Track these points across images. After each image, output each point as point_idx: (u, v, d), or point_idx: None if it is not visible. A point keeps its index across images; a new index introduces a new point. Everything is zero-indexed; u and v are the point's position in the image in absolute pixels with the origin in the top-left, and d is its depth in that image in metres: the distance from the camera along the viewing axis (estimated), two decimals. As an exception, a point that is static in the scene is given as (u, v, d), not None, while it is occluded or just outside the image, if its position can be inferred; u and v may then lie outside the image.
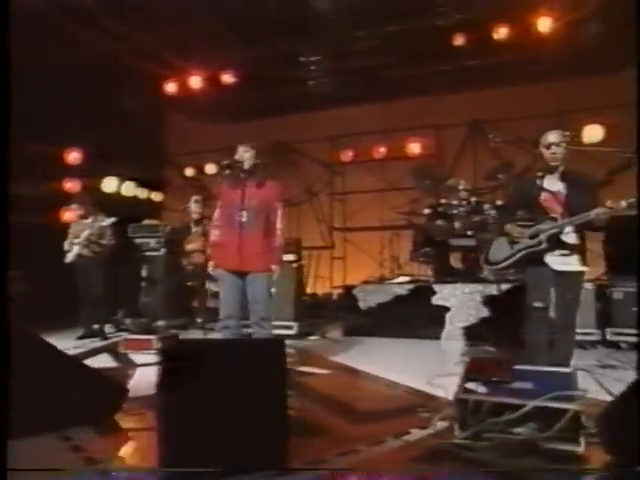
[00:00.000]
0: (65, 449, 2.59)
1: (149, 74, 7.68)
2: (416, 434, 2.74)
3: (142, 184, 9.03)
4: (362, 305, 6.39)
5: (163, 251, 6.42)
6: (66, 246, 6.23)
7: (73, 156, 8.07)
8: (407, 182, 7.61)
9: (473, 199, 6.38)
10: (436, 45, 6.68)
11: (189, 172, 9.65)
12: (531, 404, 2.49)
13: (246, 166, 3.79)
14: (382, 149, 8.47)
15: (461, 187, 6.41)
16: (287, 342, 5.52)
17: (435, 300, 5.95)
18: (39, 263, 6.61)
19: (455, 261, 6.67)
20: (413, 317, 6.01)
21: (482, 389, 2.68)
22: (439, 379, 3.70)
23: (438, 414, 2.96)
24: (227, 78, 7.67)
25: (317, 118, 8.66)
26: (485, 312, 5.66)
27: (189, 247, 6.46)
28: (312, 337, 6.23)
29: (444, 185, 6.58)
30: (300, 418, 2.99)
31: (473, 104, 7.61)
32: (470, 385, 2.72)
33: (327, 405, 3.41)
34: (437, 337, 5.79)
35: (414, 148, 8.22)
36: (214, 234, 3.96)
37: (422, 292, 6.06)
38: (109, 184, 8.47)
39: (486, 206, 6.22)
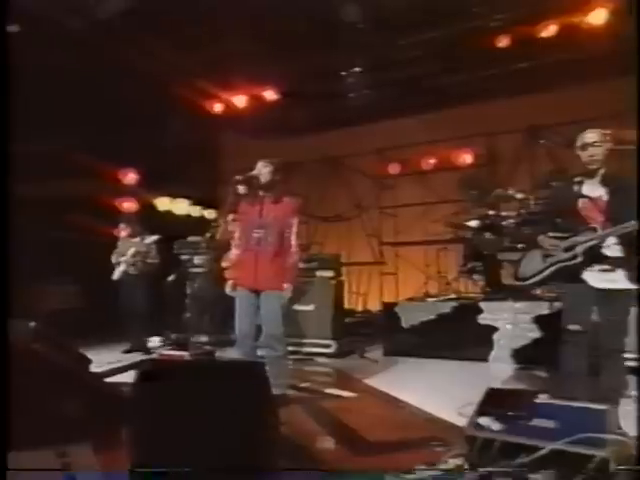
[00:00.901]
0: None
1: (197, 95, 7.77)
2: (420, 474, 2.40)
3: (195, 202, 9.14)
4: (405, 323, 6.00)
5: (206, 267, 6.46)
6: (113, 260, 6.35)
7: (128, 176, 8.34)
8: (456, 194, 7.16)
9: (524, 210, 5.84)
10: (480, 49, 6.26)
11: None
12: (549, 447, 2.08)
13: (263, 181, 3.66)
14: (431, 160, 8.08)
15: (511, 197, 5.89)
16: (324, 361, 5.50)
17: (482, 319, 5.47)
18: (90, 278, 6.87)
19: (506, 277, 6.10)
20: (458, 337, 5.55)
21: (496, 425, 2.31)
22: (468, 407, 3.29)
23: (453, 449, 2.59)
24: (270, 95, 7.57)
25: (364, 131, 8.43)
26: (536, 333, 5.11)
27: (225, 264, 6.34)
28: (349, 357, 5.92)
29: (492, 195, 6.09)
30: (292, 443, 2.73)
31: (527, 109, 7.06)
32: (483, 420, 2.35)
33: (332, 431, 3.14)
34: (484, 359, 5.30)
35: (464, 158, 7.79)
36: (234, 253, 3.88)
37: (468, 310, 5.62)
38: (161, 203, 8.65)
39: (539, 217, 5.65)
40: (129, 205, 7.99)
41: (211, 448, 2.03)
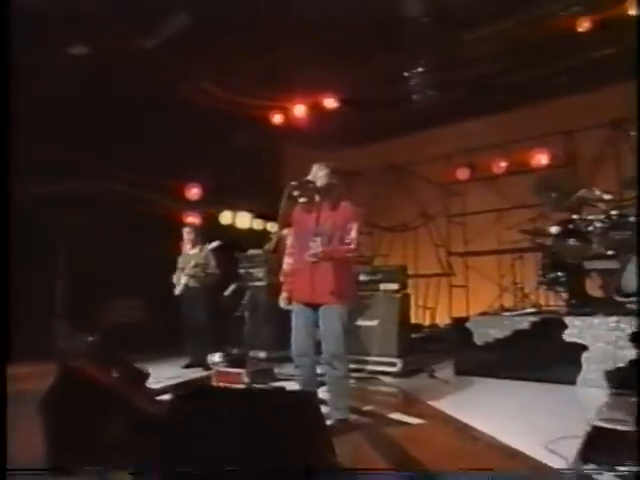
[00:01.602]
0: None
1: (257, 107, 7.63)
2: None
3: (258, 215, 8.98)
4: (477, 340, 5.43)
5: (265, 280, 6.20)
6: (174, 279, 6.26)
7: (192, 191, 8.34)
8: (532, 198, 6.50)
9: (614, 212, 5.14)
10: (554, 38, 5.66)
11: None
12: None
13: (319, 185, 3.38)
14: (503, 163, 7.49)
15: (597, 199, 5.27)
16: (389, 381, 5.04)
17: (567, 336, 4.82)
18: (154, 293, 6.84)
19: (593, 288, 5.41)
20: (540, 356, 4.92)
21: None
22: (561, 442, 2.77)
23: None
24: (330, 103, 7.29)
25: (429, 136, 7.98)
26: (633, 353, 4.41)
27: (281, 280, 6.03)
28: (417, 376, 5.42)
29: (575, 197, 5.42)
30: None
31: (608, 102, 6.30)
32: (590, 469, 1.84)
33: (395, 463, 2.71)
34: (571, 382, 4.64)
35: (540, 159, 7.15)
36: (287, 263, 3.62)
37: (551, 326, 4.98)
38: (224, 217, 8.58)
39: (631, 219, 4.96)
40: (192, 219, 8.01)
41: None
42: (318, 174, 3.40)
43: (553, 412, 3.80)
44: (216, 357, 6.32)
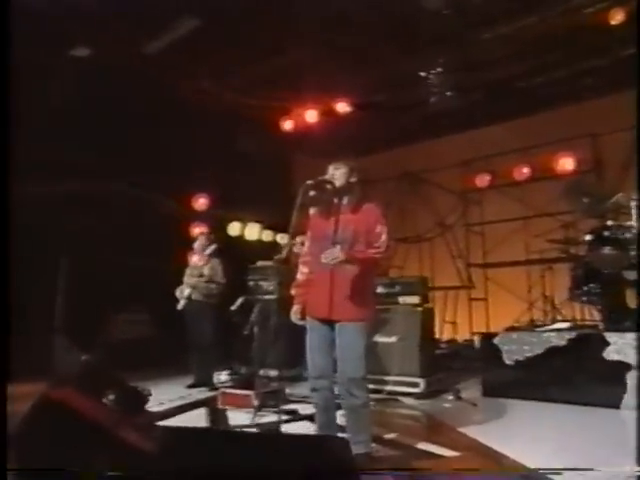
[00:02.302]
0: None
1: (266, 113, 7.26)
2: None
3: (267, 227, 8.60)
4: (507, 358, 4.93)
5: (275, 294, 5.71)
6: (177, 293, 5.84)
7: (200, 202, 7.98)
8: (558, 205, 6.08)
9: (654, 218, 4.68)
10: (576, 37, 5.27)
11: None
12: None
13: (337, 185, 3.01)
14: (525, 169, 7.06)
15: (634, 204, 4.79)
16: (412, 403, 4.55)
17: (609, 354, 4.32)
18: (159, 307, 6.43)
19: (633, 300, 4.89)
20: (578, 376, 4.43)
21: None
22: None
23: None
24: (343, 107, 6.90)
25: (446, 142, 7.58)
26: (688, 372, 3.89)
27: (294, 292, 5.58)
28: (443, 397, 4.93)
29: (610, 203, 4.97)
30: None
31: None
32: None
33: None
34: (614, 405, 4.13)
35: (565, 164, 6.70)
36: (301, 272, 3.20)
37: (589, 342, 4.51)
38: (233, 228, 8.20)
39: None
40: (200, 230, 7.62)
41: None
42: (335, 174, 3.04)
43: (602, 441, 3.32)
44: (223, 376, 5.92)
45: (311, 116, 7.23)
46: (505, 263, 7.00)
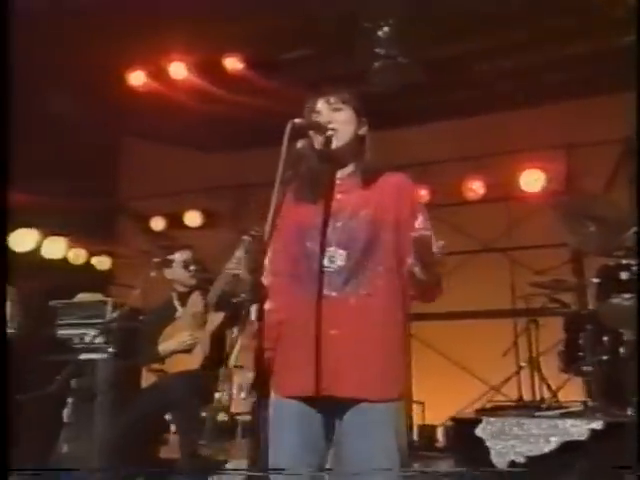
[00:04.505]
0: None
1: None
2: None
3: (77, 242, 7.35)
4: (497, 459, 4.18)
5: (111, 351, 4.82)
6: None
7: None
8: (532, 234, 5.85)
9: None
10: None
11: (157, 224, 8.04)
12: None
13: (336, 143, 2.21)
14: (475, 184, 6.65)
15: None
16: None
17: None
18: None
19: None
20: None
21: None
22: None
23: None
24: (232, 63, 5.91)
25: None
26: None
27: (170, 345, 4.35)
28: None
29: (632, 232, 4.59)
30: None
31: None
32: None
33: None
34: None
35: (532, 180, 6.42)
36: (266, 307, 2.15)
37: (622, 436, 3.94)
38: (21, 240, 6.45)
39: None
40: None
41: None
42: (333, 117, 2.21)
43: None
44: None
45: (176, 69, 6.04)
46: (444, 315, 6.35)
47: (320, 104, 2.21)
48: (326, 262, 2.12)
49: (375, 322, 2.13)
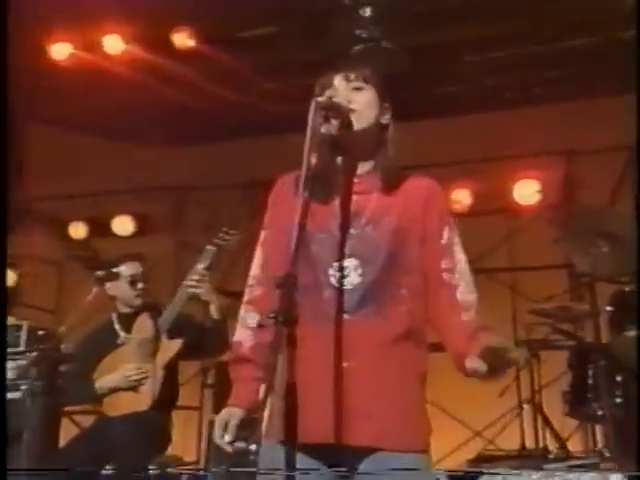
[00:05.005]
0: None
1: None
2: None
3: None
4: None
5: (29, 389, 4.09)
6: None
7: None
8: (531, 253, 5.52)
9: None
10: None
11: (77, 231, 7.50)
12: None
13: (356, 127, 2.02)
14: (462, 193, 6.41)
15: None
16: None
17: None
18: None
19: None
20: None
21: None
22: None
23: None
24: (181, 39, 5.35)
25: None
26: None
27: (110, 381, 3.87)
28: None
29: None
30: None
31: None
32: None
33: None
34: None
35: (526, 191, 6.19)
36: (247, 329, 2.15)
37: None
38: None
39: None
40: None
41: None
42: (351, 97, 2.05)
43: None
44: None
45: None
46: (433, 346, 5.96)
47: (337, 80, 2.02)
48: (337, 275, 1.95)
49: (397, 356, 1.94)
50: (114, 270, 3.99)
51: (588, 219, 4.85)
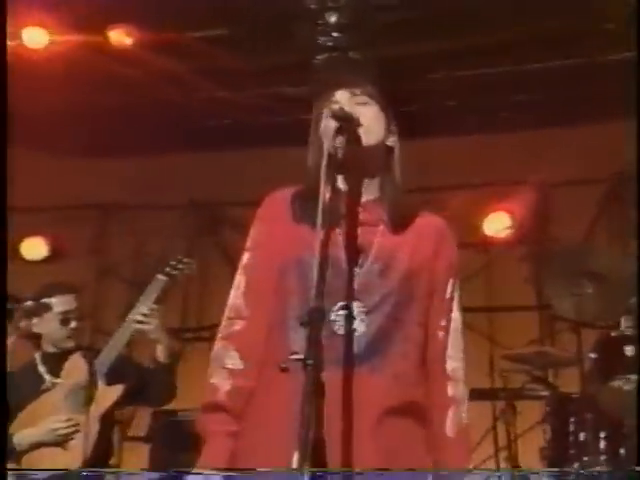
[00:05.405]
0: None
1: None
2: None
3: None
4: None
5: None
6: None
7: None
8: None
9: None
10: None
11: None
12: None
13: (365, 143, 2.03)
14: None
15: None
16: None
17: None
18: None
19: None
20: None
21: None
22: None
23: None
24: (117, 37, 5.05)
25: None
26: None
27: (32, 435, 3.55)
28: None
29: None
30: None
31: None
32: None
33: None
34: None
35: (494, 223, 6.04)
36: (218, 377, 1.98)
37: None
38: None
39: None
40: None
41: None
42: (358, 111, 1.98)
43: None
44: None
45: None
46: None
47: (340, 94, 2.02)
48: (336, 318, 1.86)
49: (403, 418, 1.87)
50: (45, 302, 3.61)
51: (569, 257, 4.80)
